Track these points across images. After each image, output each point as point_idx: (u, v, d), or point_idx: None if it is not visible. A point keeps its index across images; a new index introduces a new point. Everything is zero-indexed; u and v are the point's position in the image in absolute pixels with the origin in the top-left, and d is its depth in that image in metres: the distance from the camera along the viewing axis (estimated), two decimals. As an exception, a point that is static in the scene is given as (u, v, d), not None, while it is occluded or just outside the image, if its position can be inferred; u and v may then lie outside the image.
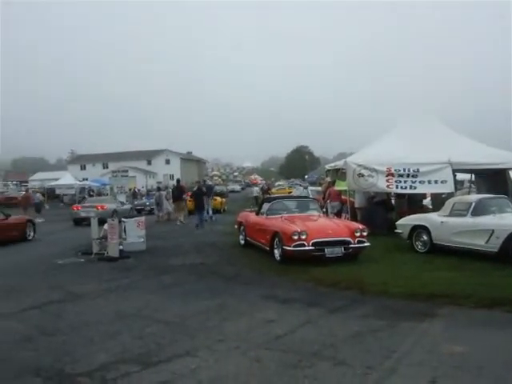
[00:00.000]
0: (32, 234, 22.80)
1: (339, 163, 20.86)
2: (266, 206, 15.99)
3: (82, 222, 29.83)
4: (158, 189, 34.62)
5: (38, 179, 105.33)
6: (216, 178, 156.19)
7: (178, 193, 29.76)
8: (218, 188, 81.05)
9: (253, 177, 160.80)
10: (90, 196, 57.19)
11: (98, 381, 5.84)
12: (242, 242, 17.07)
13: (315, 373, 5.89)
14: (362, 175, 17.36)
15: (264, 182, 75.60)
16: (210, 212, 31.00)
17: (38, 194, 50.41)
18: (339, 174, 19.96)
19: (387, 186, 17.32)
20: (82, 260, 15.35)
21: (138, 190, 64.23)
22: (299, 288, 10.68)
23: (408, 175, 16.95)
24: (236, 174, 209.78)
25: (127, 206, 34.99)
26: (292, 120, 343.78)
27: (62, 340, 7.49)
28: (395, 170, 17.02)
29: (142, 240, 17.13)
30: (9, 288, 11.50)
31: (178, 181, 33.06)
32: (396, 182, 17.11)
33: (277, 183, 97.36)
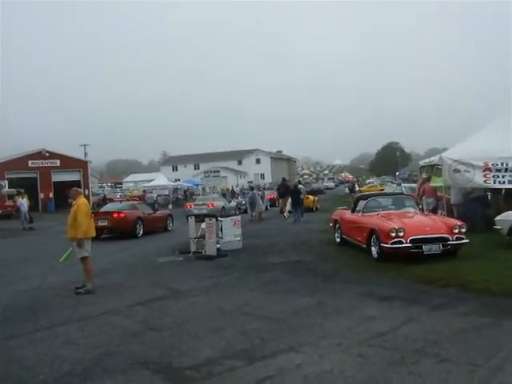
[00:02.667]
0: (171, 225, 27.34)
1: (434, 159, 20.41)
2: (361, 204, 15.89)
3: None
4: (251, 188, 35.08)
5: (131, 181, 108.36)
6: (306, 176, 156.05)
7: (283, 190, 31.31)
8: (314, 186, 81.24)
9: (343, 174, 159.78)
10: (186, 196, 58.50)
11: (204, 375, 6.00)
12: (338, 239, 17.03)
13: (420, 370, 5.85)
14: (458, 171, 16.91)
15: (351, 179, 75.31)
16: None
17: (152, 194, 52.08)
18: (434, 169, 19.58)
19: (484, 181, 16.79)
20: (181, 258, 15.76)
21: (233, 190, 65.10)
22: (398, 285, 10.59)
23: (506, 169, 16.38)
24: (326, 172, 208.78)
25: (233, 204, 36.77)
26: (382, 117, 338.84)
27: (167, 335, 7.73)
28: (493, 165, 16.47)
29: (239, 239, 17.39)
30: (115, 285, 11.97)
31: (284, 179, 35.54)
32: (494, 176, 16.56)
33: (368, 180, 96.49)
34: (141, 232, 23.95)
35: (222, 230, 16.91)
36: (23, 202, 32.73)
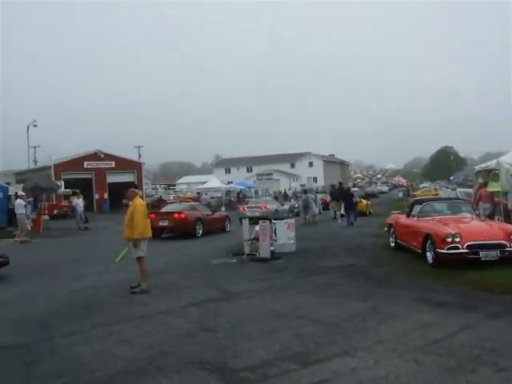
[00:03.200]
0: (229, 226, 28.04)
1: (491, 163, 20.05)
2: (417, 208, 15.70)
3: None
4: (305, 191, 35.01)
5: (184, 182, 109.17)
6: (359, 180, 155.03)
7: (338, 194, 31.36)
8: (368, 189, 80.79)
9: (396, 178, 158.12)
10: (239, 198, 58.82)
11: (260, 376, 6.01)
12: (392, 244, 16.87)
13: (477, 378, 5.76)
14: (517, 175, 16.53)
15: (405, 184, 74.51)
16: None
17: (207, 196, 52.59)
18: (491, 174, 19.18)
19: (544, 187, 16.38)
20: (235, 261, 15.81)
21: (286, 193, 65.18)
22: (453, 292, 10.41)
23: None
24: (379, 176, 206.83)
25: (286, 207, 36.88)
26: (435, 120, 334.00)
27: (222, 336, 7.78)
28: (552, 169, 16.06)
29: (292, 241, 17.37)
30: (170, 285, 12.09)
31: (341, 183, 36.28)
32: (553, 181, 16.14)
33: (421, 185, 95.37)
34: (200, 232, 24.67)
35: (275, 232, 16.94)
36: (79, 203, 33.34)
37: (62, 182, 46.72)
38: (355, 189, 40.83)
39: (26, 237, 24.61)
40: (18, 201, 25.86)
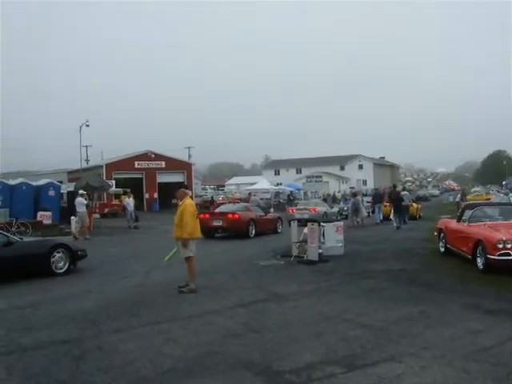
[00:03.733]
0: (281, 228, 28.00)
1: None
2: (468, 213, 15.44)
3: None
4: (354, 194, 34.85)
5: (233, 183, 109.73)
6: (409, 183, 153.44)
7: (394, 197, 30.91)
8: (420, 193, 79.98)
9: (447, 182, 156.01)
10: (290, 200, 58.85)
11: (304, 379, 6.00)
12: (442, 249, 16.63)
13: (527, 389, 5.66)
14: None
15: (459, 189, 73.31)
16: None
17: (256, 197, 52.78)
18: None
19: None
20: (282, 262, 15.80)
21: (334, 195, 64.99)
22: (504, 299, 10.20)
23: None
24: (430, 179, 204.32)
25: (335, 209, 36.72)
26: (487, 123, 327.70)
27: (268, 337, 7.80)
28: None
29: (341, 244, 17.27)
30: (218, 286, 12.18)
31: (395, 186, 35.99)
32: None
33: (473, 189, 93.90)
34: (253, 233, 25.03)
35: (324, 235, 16.88)
36: (129, 202, 33.81)
37: (113, 182, 47.46)
38: (405, 192, 40.21)
39: (82, 235, 25.14)
40: (79, 199, 26.58)
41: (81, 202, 26.31)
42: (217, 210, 27.56)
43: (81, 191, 28.37)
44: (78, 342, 7.72)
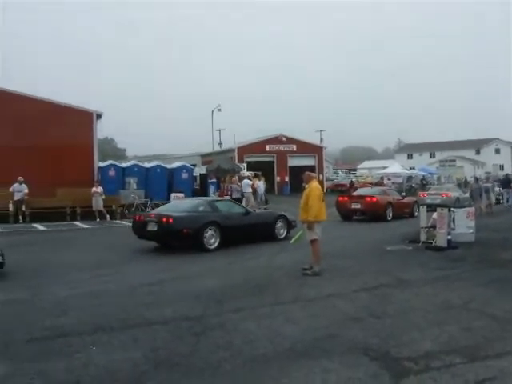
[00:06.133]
0: (417, 212, 26.01)
1: None
2: None
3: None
4: (476, 180, 33.52)
5: (365, 167, 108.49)
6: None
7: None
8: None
9: None
10: (423, 184, 57.63)
11: (422, 367, 5.91)
12: None
13: None
14: None
15: None
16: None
17: (390, 181, 52.27)
18: None
19: None
20: (410, 248, 15.53)
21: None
22: None
23: None
24: None
25: (467, 195, 35.55)
26: None
27: (388, 323, 7.72)
28: None
29: (471, 231, 16.68)
30: (341, 269, 12.19)
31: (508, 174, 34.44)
32: None
33: None
34: (390, 216, 25.20)
35: (454, 221, 16.38)
36: (260, 185, 34.36)
37: (245, 165, 48.24)
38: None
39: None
40: (246, 181, 28.57)
41: (247, 183, 28.16)
42: (355, 193, 27.94)
43: (248, 173, 29.44)
44: (201, 318, 8.01)
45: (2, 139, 30.90)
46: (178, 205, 18.13)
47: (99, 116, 34.20)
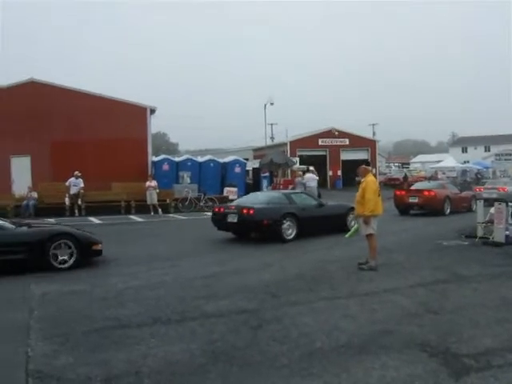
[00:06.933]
0: (475, 206, 26.04)
1: None
2: None
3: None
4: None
5: (419, 161, 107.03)
6: None
7: None
8: None
9: None
10: (478, 179, 56.67)
11: (483, 365, 5.80)
12: None
13: None
14: None
15: None
16: None
17: (444, 175, 51.60)
18: None
19: None
20: (466, 243, 15.27)
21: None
22: None
23: None
24: None
25: None
26: None
27: (446, 319, 7.62)
28: None
29: (530, 227, 16.28)
30: (397, 264, 12.08)
31: None
32: None
33: None
34: (448, 210, 25.02)
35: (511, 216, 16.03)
36: (310, 177, 34.35)
37: (297, 158, 48.20)
38: None
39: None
40: (310, 175, 28.10)
41: (311, 177, 27.81)
42: (413, 187, 27.83)
43: (311, 167, 29.55)
44: (257, 312, 8.06)
45: (59, 135, 31.66)
46: (256, 197, 18.75)
47: (153, 111, 34.71)
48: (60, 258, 12.05)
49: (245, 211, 15.97)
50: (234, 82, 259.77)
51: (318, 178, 33.44)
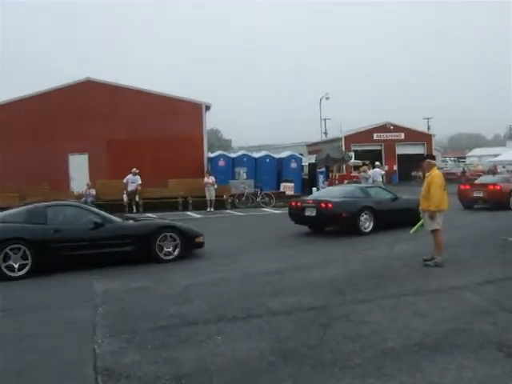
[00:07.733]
0: None
1: None
2: None
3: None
4: None
5: (475, 155, 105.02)
6: None
7: None
8: None
9: None
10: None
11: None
12: None
13: None
14: None
15: None
16: None
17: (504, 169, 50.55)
18: None
19: None
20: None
21: None
22: None
23: None
24: None
25: None
26: None
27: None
28: None
29: None
30: (463, 260, 11.77)
31: None
32: None
33: None
34: None
35: None
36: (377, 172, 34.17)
37: (353, 153, 47.85)
38: None
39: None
40: (377, 170, 28.14)
41: (379, 172, 27.94)
42: (477, 181, 27.30)
43: (377, 163, 29.51)
44: (325, 309, 7.92)
45: (117, 132, 32.10)
46: (332, 191, 19.06)
47: (208, 107, 34.87)
48: (165, 249, 12.56)
49: (323, 205, 16.29)
50: (282, 78, 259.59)
51: (384, 172, 33.15)
